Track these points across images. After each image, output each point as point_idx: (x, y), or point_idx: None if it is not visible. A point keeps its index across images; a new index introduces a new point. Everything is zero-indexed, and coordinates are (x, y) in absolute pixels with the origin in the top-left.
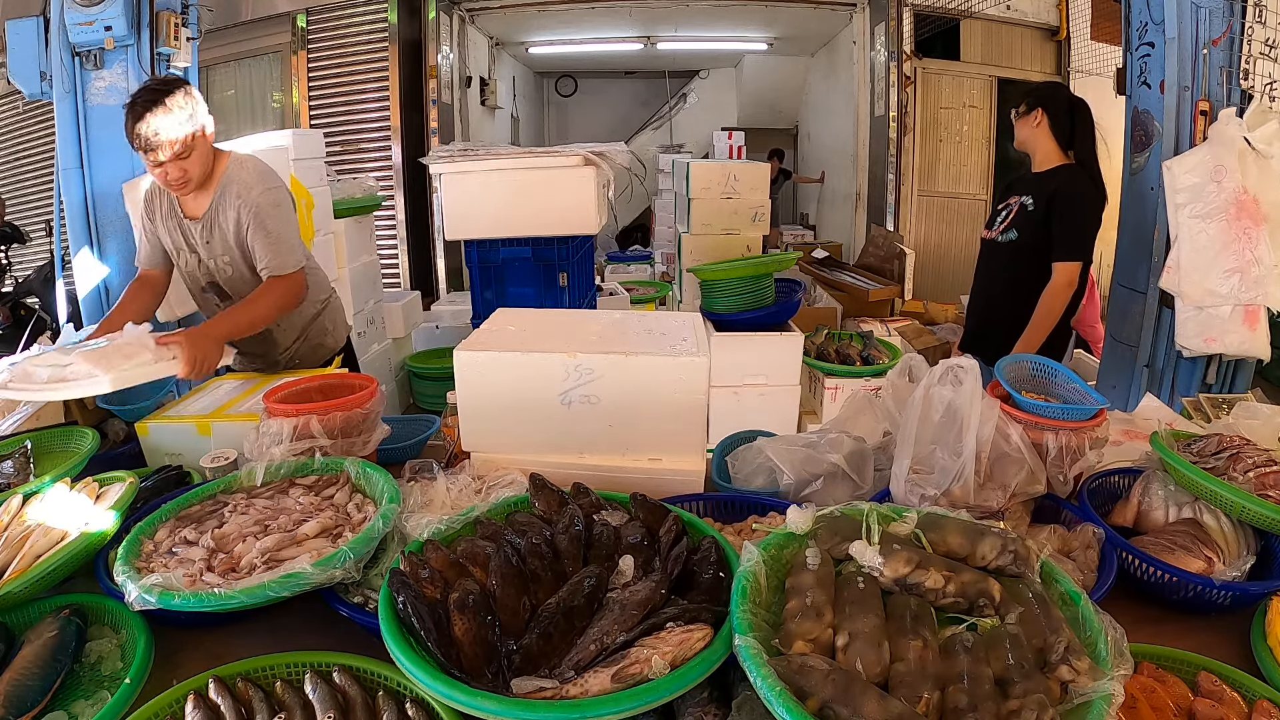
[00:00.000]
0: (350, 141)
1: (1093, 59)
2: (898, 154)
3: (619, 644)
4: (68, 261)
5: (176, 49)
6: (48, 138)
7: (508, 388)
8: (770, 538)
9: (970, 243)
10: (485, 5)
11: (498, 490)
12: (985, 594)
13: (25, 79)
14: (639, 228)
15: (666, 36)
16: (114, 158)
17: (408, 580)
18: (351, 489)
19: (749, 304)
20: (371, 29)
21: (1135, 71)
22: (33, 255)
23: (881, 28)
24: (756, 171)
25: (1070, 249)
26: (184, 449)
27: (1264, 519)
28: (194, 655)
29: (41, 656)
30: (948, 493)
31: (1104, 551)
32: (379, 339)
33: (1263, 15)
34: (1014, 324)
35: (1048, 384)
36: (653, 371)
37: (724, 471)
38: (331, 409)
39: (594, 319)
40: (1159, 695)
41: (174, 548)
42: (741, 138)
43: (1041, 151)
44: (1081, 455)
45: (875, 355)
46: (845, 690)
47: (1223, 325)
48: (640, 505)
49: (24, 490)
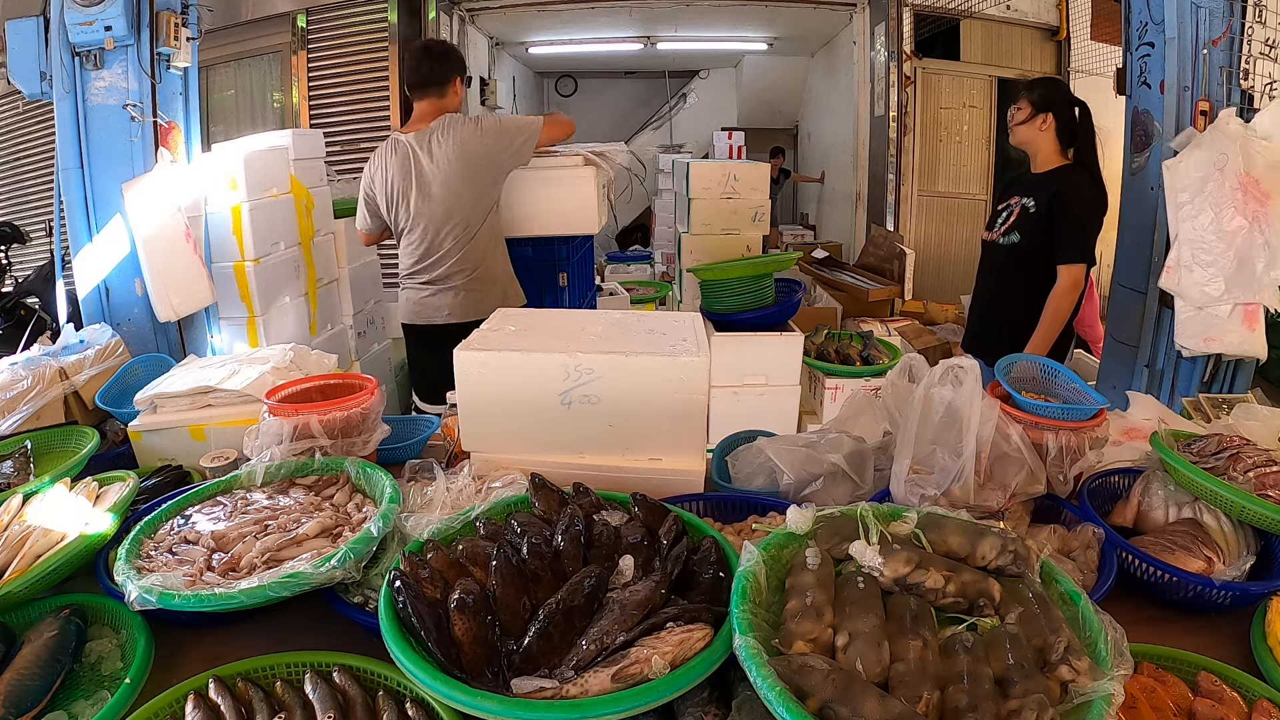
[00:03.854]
0: (350, 141)
1: (1093, 59)
2: (898, 154)
3: (619, 644)
4: (68, 261)
5: (176, 49)
6: (48, 138)
7: (508, 388)
8: (770, 538)
9: (970, 243)
10: (485, 5)
11: (498, 490)
12: (985, 594)
13: (25, 79)
14: (639, 228)
15: (666, 36)
16: (114, 158)
17: (408, 580)
18: (351, 489)
19: (749, 304)
20: (371, 29)
21: (1135, 71)
22: (33, 255)
23: (881, 28)
24: (756, 171)
25: (1074, 251)
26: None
27: (1264, 519)
28: (194, 655)
29: (41, 656)
30: (948, 493)
31: (1104, 551)
32: (379, 339)
33: (1263, 15)
34: (1015, 325)
35: (1048, 384)
36: (653, 371)
37: (724, 471)
38: (331, 409)
39: (594, 319)
40: (1159, 695)
41: (174, 548)
42: (741, 138)
43: (1043, 153)
44: (1081, 455)
45: (875, 355)
46: (845, 690)
47: (1222, 325)
48: (640, 505)
49: (24, 490)
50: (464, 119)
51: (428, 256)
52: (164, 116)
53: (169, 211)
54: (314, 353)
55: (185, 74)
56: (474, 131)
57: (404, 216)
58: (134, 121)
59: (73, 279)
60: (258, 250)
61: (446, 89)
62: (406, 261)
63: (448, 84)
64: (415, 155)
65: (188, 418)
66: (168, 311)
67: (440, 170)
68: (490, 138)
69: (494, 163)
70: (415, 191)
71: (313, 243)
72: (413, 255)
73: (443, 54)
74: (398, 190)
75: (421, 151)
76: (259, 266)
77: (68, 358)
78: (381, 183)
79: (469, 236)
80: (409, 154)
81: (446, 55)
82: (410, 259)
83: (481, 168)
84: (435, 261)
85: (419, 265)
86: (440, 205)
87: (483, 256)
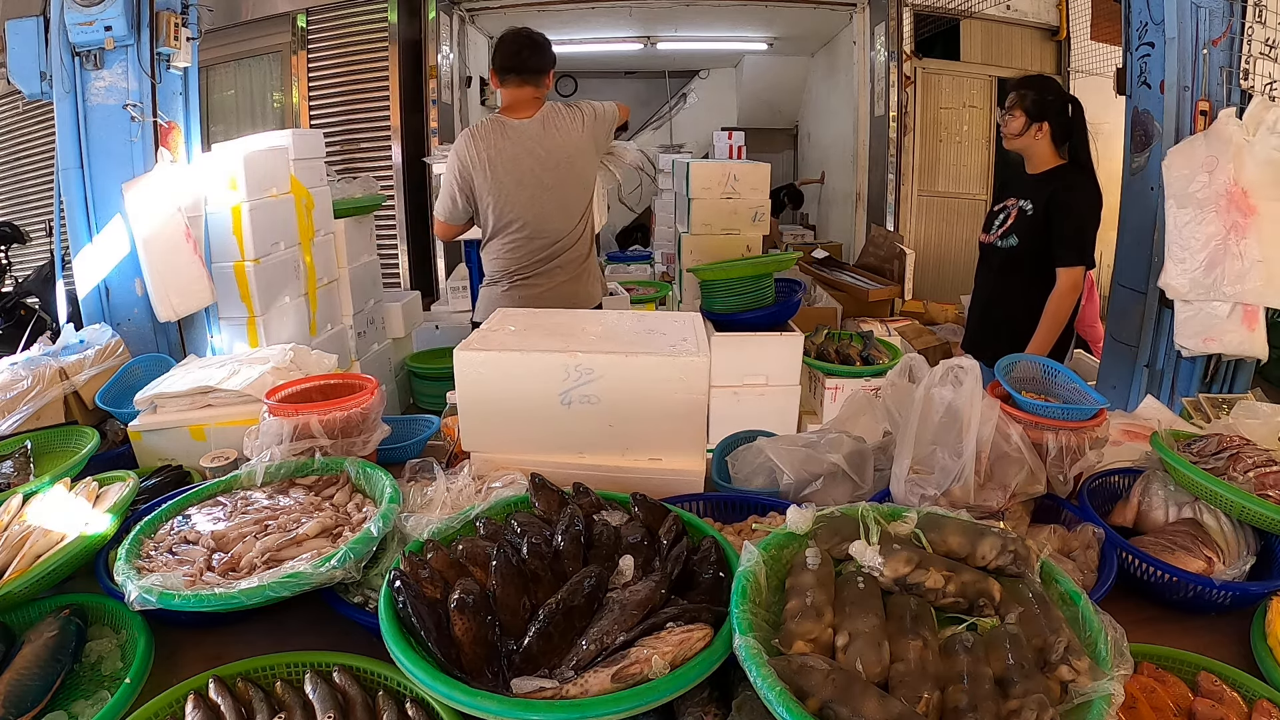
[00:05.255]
0: (350, 141)
1: (1093, 59)
2: (898, 154)
3: (619, 644)
4: (68, 261)
5: (176, 49)
6: (48, 138)
7: (508, 388)
8: (770, 538)
9: (970, 243)
10: (485, 5)
11: (498, 490)
12: (985, 594)
13: (25, 79)
14: (639, 228)
15: (666, 36)
16: (114, 158)
17: (408, 580)
18: (351, 489)
19: (749, 304)
20: (371, 29)
21: (1135, 71)
22: (33, 255)
23: (881, 28)
24: (756, 171)
25: (1073, 253)
26: (177, 454)
27: (1264, 519)
28: (194, 655)
29: (41, 656)
30: (948, 493)
31: (1104, 551)
32: (379, 339)
33: (1263, 15)
34: (1015, 327)
35: (1048, 384)
36: (653, 371)
37: (724, 471)
38: (331, 409)
39: (594, 319)
40: (1159, 695)
41: (174, 548)
42: (741, 138)
43: (1039, 156)
44: (1081, 455)
45: (875, 355)
46: (845, 690)
47: (1221, 325)
48: (640, 505)
49: (24, 490)
50: (563, 107)
51: (546, 247)
52: (164, 116)
53: (169, 211)
54: (314, 353)
55: (185, 74)
56: (586, 117)
57: (516, 203)
58: (134, 121)
59: (73, 279)
60: (258, 250)
61: (543, 77)
62: (516, 254)
63: (545, 72)
64: (532, 139)
65: (188, 418)
66: (168, 311)
67: (564, 155)
68: (594, 122)
69: (596, 147)
70: (532, 177)
71: (313, 243)
72: (526, 246)
73: (543, 42)
74: (509, 175)
75: (539, 136)
76: (259, 266)
77: (68, 358)
78: (482, 164)
79: (583, 224)
80: (524, 138)
81: (546, 44)
82: (521, 250)
83: (593, 153)
84: (553, 253)
85: (536, 257)
86: (560, 193)
87: (588, 244)
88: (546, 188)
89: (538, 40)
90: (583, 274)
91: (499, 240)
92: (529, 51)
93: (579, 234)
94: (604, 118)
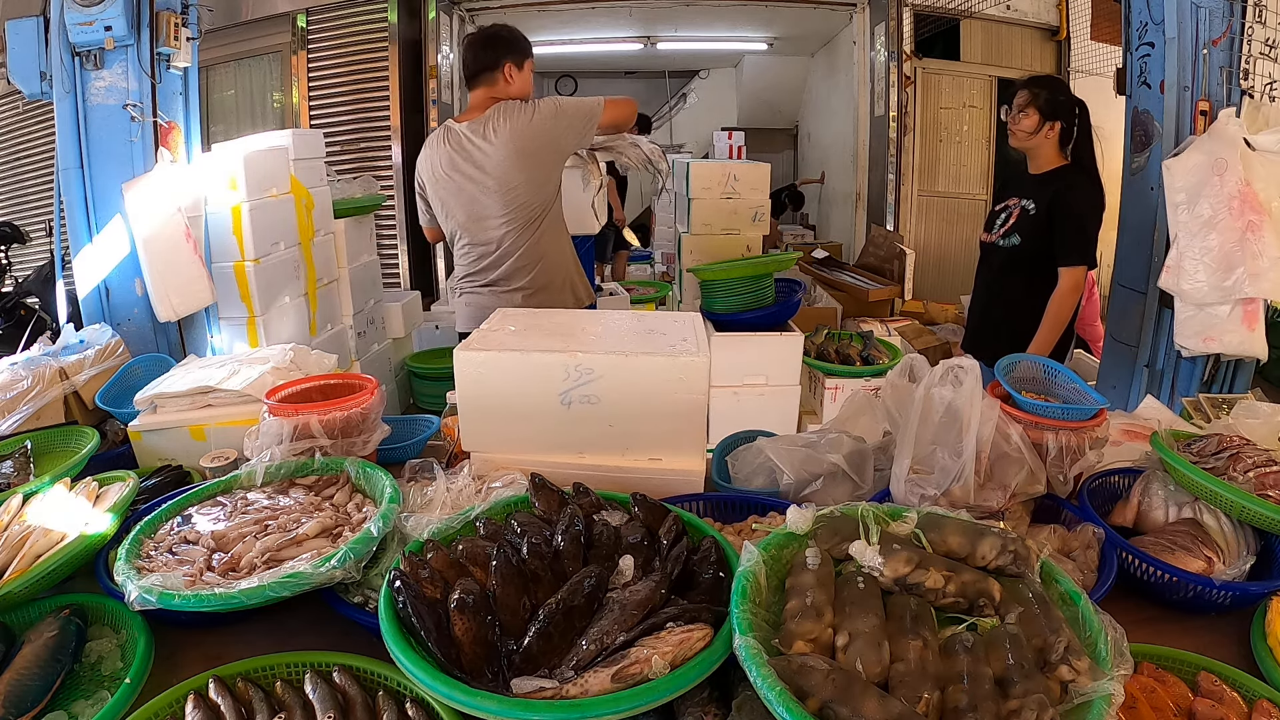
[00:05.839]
0: (350, 141)
1: (1093, 59)
2: (898, 154)
3: (619, 644)
4: (68, 261)
5: (176, 49)
6: (48, 138)
7: (507, 388)
8: (770, 538)
9: (970, 243)
10: (485, 5)
11: (498, 490)
12: (985, 594)
13: (25, 79)
14: (639, 228)
15: (666, 36)
16: (114, 158)
17: (408, 580)
18: (351, 489)
19: (749, 304)
20: (371, 29)
21: (1135, 71)
22: (33, 255)
23: (881, 28)
24: (756, 172)
25: (1075, 253)
26: (177, 454)
27: (1264, 519)
28: (194, 655)
29: (41, 656)
30: (948, 493)
31: (1104, 551)
32: (379, 339)
33: (1263, 15)
34: (1015, 326)
35: (1048, 384)
36: (653, 371)
37: (724, 471)
38: (331, 409)
39: (594, 319)
40: (1159, 695)
41: (174, 548)
42: (741, 138)
43: (1044, 155)
44: (1081, 455)
45: (875, 355)
46: (845, 690)
47: (1221, 325)
48: (640, 505)
49: (24, 490)
50: (520, 104)
51: (485, 256)
52: (164, 116)
53: (169, 211)
54: (314, 353)
55: (185, 74)
56: (528, 116)
57: (456, 211)
58: (134, 121)
59: (73, 279)
60: (258, 250)
61: (497, 74)
62: (464, 263)
63: (497, 69)
64: (467, 145)
65: (188, 418)
66: (168, 311)
67: (493, 160)
68: (546, 120)
69: (553, 148)
70: (468, 183)
71: (313, 243)
72: (469, 255)
73: (489, 38)
74: (447, 182)
75: (474, 141)
76: (259, 266)
77: (68, 358)
78: (429, 173)
79: (529, 232)
80: (461, 143)
81: (494, 39)
82: (467, 258)
83: (537, 155)
84: (494, 262)
85: (478, 266)
86: (496, 198)
87: (544, 253)
88: (484, 191)
89: (481, 37)
90: (549, 286)
91: (455, 248)
92: (474, 52)
93: (526, 240)
94: (567, 113)
